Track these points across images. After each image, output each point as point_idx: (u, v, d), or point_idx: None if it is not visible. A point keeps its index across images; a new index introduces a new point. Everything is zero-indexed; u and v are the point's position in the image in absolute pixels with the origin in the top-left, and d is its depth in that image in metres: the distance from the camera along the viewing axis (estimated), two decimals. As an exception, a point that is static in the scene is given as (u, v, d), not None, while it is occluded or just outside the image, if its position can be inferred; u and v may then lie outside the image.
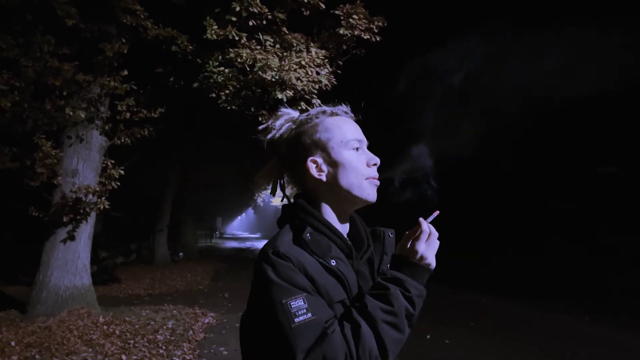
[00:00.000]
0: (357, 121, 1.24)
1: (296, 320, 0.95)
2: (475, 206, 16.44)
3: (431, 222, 1.16)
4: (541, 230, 13.99)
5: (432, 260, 1.10)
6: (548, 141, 13.42)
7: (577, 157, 12.84)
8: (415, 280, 1.06)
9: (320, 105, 1.23)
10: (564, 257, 12.32)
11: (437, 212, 1.19)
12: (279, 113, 1.26)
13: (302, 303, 0.97)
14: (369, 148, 1.22)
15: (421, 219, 1.14)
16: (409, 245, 1.11)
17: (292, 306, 0.96)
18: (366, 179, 1.16)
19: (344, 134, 1.16)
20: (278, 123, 1.23)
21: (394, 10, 7.08)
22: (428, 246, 1.10)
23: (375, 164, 1.18)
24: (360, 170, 1.15)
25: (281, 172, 1.26)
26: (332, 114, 1.20)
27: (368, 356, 0.95)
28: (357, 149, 1.17)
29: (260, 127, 1.27)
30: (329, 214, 1.17)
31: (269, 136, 1.24)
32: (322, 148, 1.16)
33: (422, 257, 1.09)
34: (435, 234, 1.13)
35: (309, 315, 0.96)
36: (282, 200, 1.27)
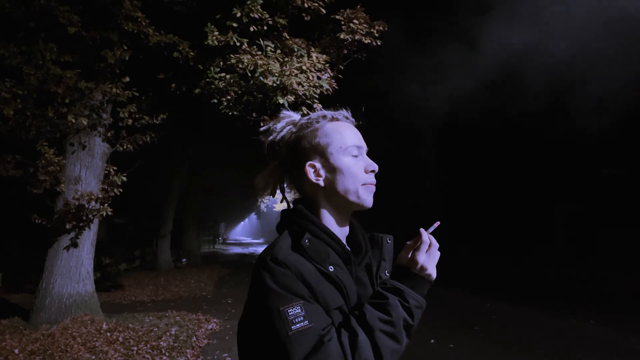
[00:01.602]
0: (357, 126, 1.23)
1: (293, 327, 0.95)
2: (478, 208, 16.39)
3: (432, 233, 1.14)
4: (545, 232, 13.94)
5: (432, 272, 1.09)
6: (553, 142, 13.39)
7: (582, 158, 12.81)
8: (414, 291, 1.05)
9: (321, 110, 1.22)
10: (569, 259, 12.27)
11: (437, 223, 1.17)
12: (281, 115, 1.25)
13: (300, 310, 0.97)
14: (368, 154, 1.21)
15: (422, 230, 1.13)
16: (409, 256, 1.11)
17: (290, 314, 0.96)
18: (362, 184, 1.15)
19: (343, 139, 1.16)
20: (279, 125, 1.23)
21: (394, 15, 7.10)
22: (428, 257, 1.09)
23: (373, 171, 1.18)
24: (357, 176, 1.15)
25: (281, 175, 1.26)
26: (333, 118, 1.20)
27: None
28: (355, 155, 1.16)
29: (262, 129, 1.26)
30: (327, 219, 1.17)
31: (270, 138, 1.23)
32: (320, 153, 1.16)
33: (422, 268, 1.08)
34: (436, 245, 1.11)
35: (306, 322, 0.96)
36: (281, 202, 1.27)
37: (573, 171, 13.13)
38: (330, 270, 1.06)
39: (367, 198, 1.16)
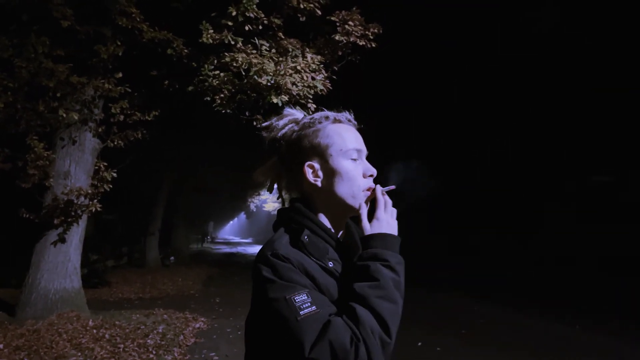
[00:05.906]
0: (358, 129, 1.24)
1: (302, 313, 0.96)
2: (471, 206, 16.47)
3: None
4: (534, 235, 14.06)
5: (395, 225, 1.14)
6: (546, 147, 13.54)
7: (572, 163, 12.97)
8: (389, 250, 1.08)
9: (316, 110, 1.23)
10: (557, 264, 12.40)
11: (393, 187, 1.21)
12: (285, 112, 1.26)
13: (306, 297, 0.98)
14: (368, 158, 1.22)
15: (377, 186, 1.18)
16: (371, 221, 1.14)
17: (296, 300, 0.97)
18: (360, 189, 1.17)
19: (344, 142, 1.17)
20: (282, 122, 1.24)
21: (389, 17, 7.14)
22: (387, 213, 1.14)
23: (371, 175, 1.19)
24: (355, 180, 1.16)
25: (279, 172, 1.27)
26: (335, 120, 1.21)
27: (371, 334, 0.95)
28: (355, 159, 1.17)
29: (264, 124, 1.27)
30: (323, 219, 1.18)
31: (271, 134, 1.24)
32: (320, 154, 1.17)
33: (388, 225, 1.12)
34: (390, 201, 1.16)
35: (314, 307, 0.97)
36: (277, 199, 1.28)
37: (562, 173, 13.29)
38: (330, 265, 1.08)
39: (362, 202, 1.17)
